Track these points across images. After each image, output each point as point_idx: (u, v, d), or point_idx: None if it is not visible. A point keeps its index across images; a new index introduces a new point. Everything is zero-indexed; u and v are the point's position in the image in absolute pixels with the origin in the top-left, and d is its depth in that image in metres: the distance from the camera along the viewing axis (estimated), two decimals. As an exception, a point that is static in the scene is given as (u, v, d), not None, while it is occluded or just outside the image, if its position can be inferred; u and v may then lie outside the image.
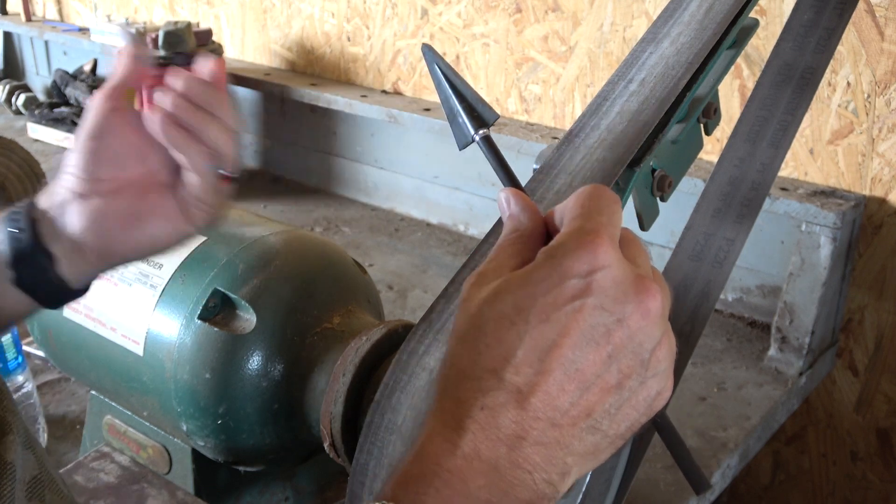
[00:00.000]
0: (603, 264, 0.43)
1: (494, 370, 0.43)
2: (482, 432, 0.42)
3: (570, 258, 0.43)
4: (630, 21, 1.32)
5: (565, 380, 0.42)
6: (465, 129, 0.52)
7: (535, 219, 0.48)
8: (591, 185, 0.47)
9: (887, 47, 1.12)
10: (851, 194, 1.18)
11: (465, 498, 0.41)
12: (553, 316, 0.42)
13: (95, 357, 0.81)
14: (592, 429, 0.44)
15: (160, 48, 1.64)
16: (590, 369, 0.43)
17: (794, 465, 1.36)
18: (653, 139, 0.70)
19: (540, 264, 0.44)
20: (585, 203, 0.46)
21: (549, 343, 0.42)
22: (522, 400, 0.42)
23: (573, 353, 0.42)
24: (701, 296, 0.84)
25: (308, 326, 0.74)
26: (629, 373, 0.44)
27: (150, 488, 0.75)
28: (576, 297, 0.42)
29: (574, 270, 0.43)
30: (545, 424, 0.42)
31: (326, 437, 0.71)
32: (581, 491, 0.80)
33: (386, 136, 1.66)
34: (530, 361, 0.42)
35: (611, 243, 0.44)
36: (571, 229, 0.44)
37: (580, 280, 0.43)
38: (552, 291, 0.43)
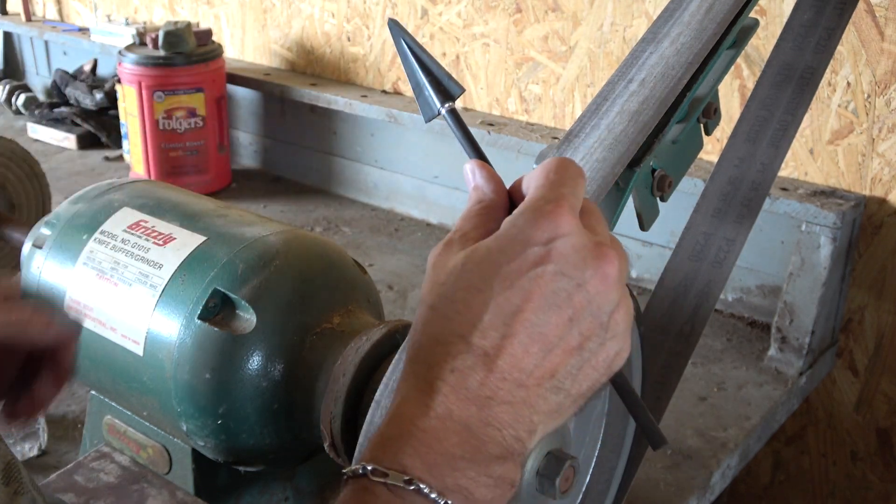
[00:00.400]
0: (563, 232, 0.45)
1: (463, 335, 0.45)
2: (453, 393, 0.44)
3: (531, 227, 0.46)
4: (630, 21, 1.32)
5: (529, 342, 0.45)
6: (431, 102, 0.53)
7: (499, 189, 0.50)
8: (557, 157, 0.49)
9: (887, 47, 1.12)
10: (851, 194, 1.18)
11: (441, 455, 0.44)
12: (517, 282, 0.45)
13: (95, 357, 0.81)
14: (556, 388, 0.46)
15: (160, 48, 1.64)
16: (552, 332, 0.45)
17: (794, 465, 1.36)
18: (653, 139, 0.70)
19: (503, 234, 0.46)
20: (549, 174, 0.48)
21: (513, 308, 0.45)
22: (490, 362, 0.44)
23: (536, 316, 0.45)
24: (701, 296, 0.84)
25: (308, 326, 0.74)
26: (589, 335, 0.46)
27: (150, 488, 0.75)
28: (537, 264, 0.45)
29: (535, 238, 0.45)
30: (512, 385, 0.45)
31: (326, 437, 0.71)
32: (581, 491, 0.80)
33: (386, 136, 1.66)
34: (496, 326, 0.45)
35: (571, 212, 0.46)
36: (534, 198, 0.47)
37: (541, 248, 0.45)
38: (515, 259, 0.45)
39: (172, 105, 1.65)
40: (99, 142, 2.01)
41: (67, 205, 0.88)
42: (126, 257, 0.79)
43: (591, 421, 0.78)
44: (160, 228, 0.80)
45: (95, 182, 0.92)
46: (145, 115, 1.65)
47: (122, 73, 1.66)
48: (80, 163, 1.93)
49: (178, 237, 0.79)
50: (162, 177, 1.69)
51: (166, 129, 1.67)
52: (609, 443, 0.79)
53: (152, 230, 0.80)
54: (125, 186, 0.89)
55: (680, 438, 1.03)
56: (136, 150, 1.71)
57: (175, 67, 1.64)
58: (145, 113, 1.65)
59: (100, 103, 2.02)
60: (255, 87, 1.80)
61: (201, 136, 1.69)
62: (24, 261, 0.89)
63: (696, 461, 0.99)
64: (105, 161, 1.94)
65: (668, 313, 0.84)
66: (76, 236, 0.83)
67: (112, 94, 1.97)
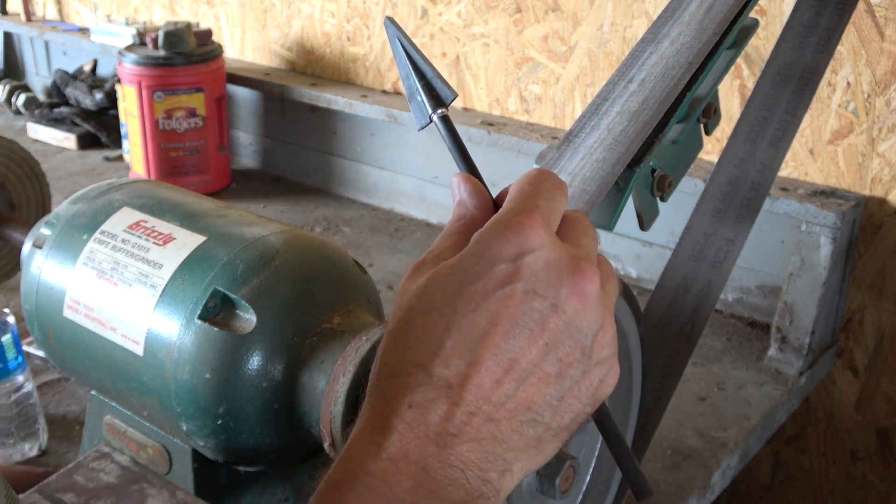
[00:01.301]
0: (532, 246, 0.41)
1: (423, 364, 0.41)
2: (410, 431, 0.40)
3: (497, 241, 0.42)
4: (630, 21, 1.32)
5: (499, 371, 0.40)
6: (424, 108, 0.51)
7: (483, 205, 0.47)
8: (535, 169, 0.46)
9: (887, 47, 1.12)
10: (851, 194, 1.18)
11: (389, 502, 0.39)
12: (482, 304, 0.41)
13: (95, 357, 0.81)
14: (533, 422, 0.42)
15: (160, 48, 1.64)
16: (525, 359, 0.41)
17: (794, 465, 1.36)
18: (653, 139, 0.70)
19: (468, 251, 0.42)
20: (524, 186, 0.44)
21: (478, 332, 0.40)
22: (453, 394, 0.40)
23: (506, 341, 0.40)
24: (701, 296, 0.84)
25: (308, 326, 0.74)
26: (570, 361, 0.42)
27: (150, 488, 0.75)
28: (505, 283, 0.41)
29: (502, 254, 0.41)
30: (480, 419, 0.40)
31: (326, 437, 0.71)
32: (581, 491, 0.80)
33: (386, 136, 1.66)
34: (459, 353, 0.40)
35: (543, 224, 0.42)
36: (503, 211, 0.43)
37: (509, 264, 0.41)
38: (481, 278, 0.41)
39: (172, 105, 1.65)
40: (99, 142, 2.01)
41: (67, 205, 0.88)
42: (126, 257, 0.79)
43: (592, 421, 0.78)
44: (160, 228, 0.80)
45: (95, 182, 0.92)
46: (145, 115, 1.65)
47: (122, 73, 1.66)
48: (80, 163, 1.93)
49: (178, 237, 0.79)
50: (162, 177, 1.69)
51: (166, 129, 1.67)
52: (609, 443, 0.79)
53: (152, 230, 0.80)
54: (125, 186, 0.89)
55: (680, 438, 1.03)
56: (136, 150, 1.71)
57: (175, 67, 1.64)
58: (145, 113, 1.65)
59: (100, 103, 2.02)
60: (255, 87, 1.80)
61: (201, 136, 1.69)
62: (24, 261, 0.89)
63: (696, 461, 0.99)
64: (105, 161, 1.94)
65: (668, 313, 0.84)
66: (76, 236, 0.83)
67: (112, 94, 1.98)
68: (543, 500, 0.70)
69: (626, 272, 1.40)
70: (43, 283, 0.84)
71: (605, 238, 1.40)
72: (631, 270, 1.39)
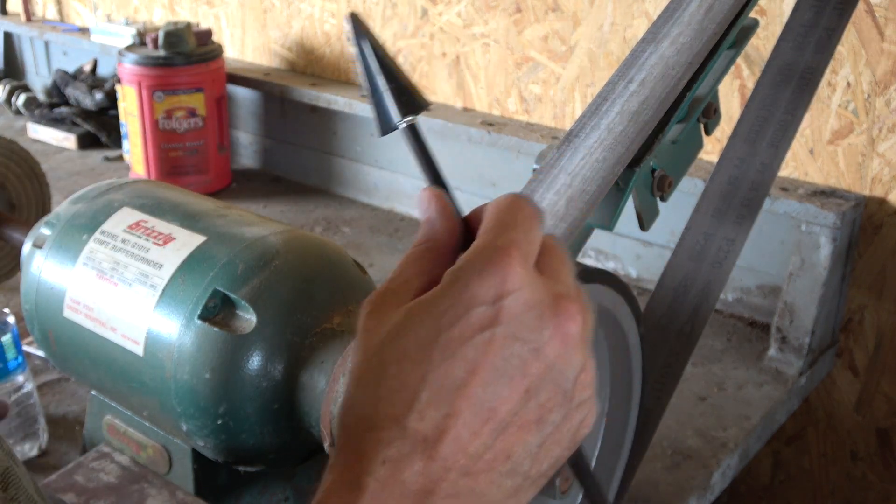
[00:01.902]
0: (513, 287, 0.39)
1: (397, 418, 0.38)
2: (383, 491, 0.38)
3: (475, 282, 0.39)
4: (630, 21, 1.32)
5: (476, 422, 0.38)
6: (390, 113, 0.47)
7: (452, 227, 0.44)
8: (510, 195, 0.43)
9: (887, 47, 1.12)
10: (851, 194, 1.18)
11: None
12: (460, 351, 0.38)
13: (95, 357, 0.81)
14: (512, 472, 0.39)
15: (160, 48, 1.64)
16: (504, 407, 0.38)
17: (794, 465, 1.36)
18: (653, 139, 0.70)
19: (444, 290, 0.40)
20: (500, 215, 0.42)
21: (456, 382, 0.38)
22: (429, 449, 0.38)
23: (484, 391, 0.38)
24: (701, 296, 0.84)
25: (308, 326, 0.74)
26: (551, 406, 0.40)
27: (150, 488, 0.75)
28: (484, 328, 0.38)
29: (480, 296, 0.39)
30: (457, 474, 0.38)
31: (326, 437, 0.71)
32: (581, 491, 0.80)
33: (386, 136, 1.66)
34: (436, 404, 0.38)
35: (522, 262, 0.39)
36: (480, 246, 0.40)
37: (488, 307, 0.38)
38: (458, 323, 0.38)
39: (172, 105, 1.65)
40: (99, 142, 2.01)
41: (67, 205, 0.88)
42: (126, 257, 0.79)
43: (591, 421, 0.78)
44: (160, 228, 0.80)
45: (95, 182, 0.92)
46: (145, 115, 1.65)
47: (122, 73, 1.66)
48: (80, 163, 1.93)
49: (178, 237, 0.79)
50: (162, 177, 1.69)
51: (166, 129, 1.67)
52: (609, 443, 0.79)
53: (152, 230, 0.80)
54: (125, 186, 0.89)
55: (680, 438, 1.03)
56: (136, 150, 1.71)
57: (175, 67, 1.64)
58: (145, 113, 1.65)
59: (100, 103, 2.02)
60: (255, 87, 1.80)
61: (201, 136, 1.69)
62: (24, 261, 0.89)
63: (696, 461, 0.99)
64: (105, 161, 1.94)
65: (668, 313, 0.84)
66: (76, 236, 0.83)
67: (112, 94, 1.98)
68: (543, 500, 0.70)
69: (626, 272, 1.40)
70: (43, 283, 0.84)
71: (605, 238, 1.40)
72: (631, 270, 1.39)
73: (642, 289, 1.36)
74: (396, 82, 0.46)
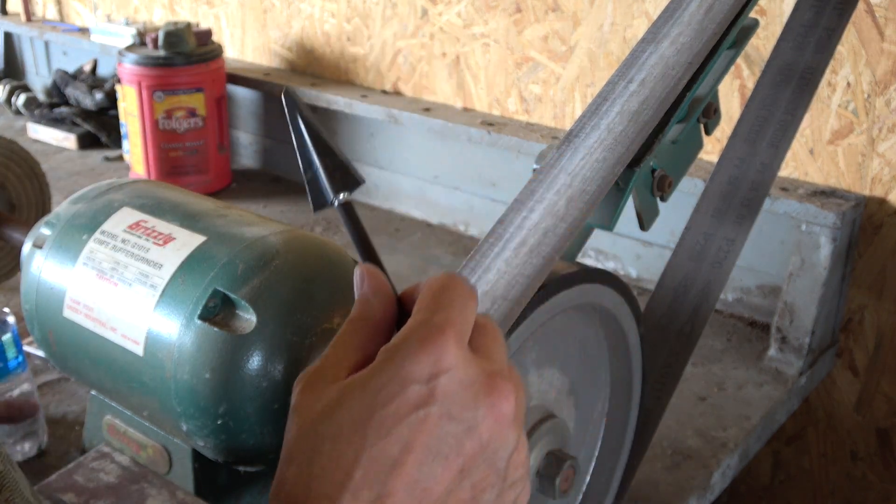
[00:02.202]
0: (447, 366, 0.39)
1: (330, 497, 0.38)
2: None
3: (410, 360, 0.39)
4: (630, 21, 1.32)
5: (410, 502, 0.38)
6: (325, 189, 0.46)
7: (387, 303, 0.44)
8: (445, 275, 0.43)
9: (887, 47, 1.12)
10: (851, 194, 1.18)
11: None
12: (395, 429, 0.38)
13: (95, 357, 0.81)
14: None
15: (160, 48, 1.64)
16: (438, 487, 0.38)
17: (794, 465, 1.36)
18: (653, 139, 0.70)
19: (379, 368, 0.40)
20: (435, 294, 0.42)
21: (390, 461, 0.38)
22: None
23: (419, 470, 0.38)
24: (701, 296, 0.84)
25: (308, 326, 0.74)
26: (484, 486, 0.40)
27: (150, 488, 0.75)
28: (419, 407, 0.38)
29: (415, 375, 0.39)
30: None
31: (326, 437, 0.71)
32: (581, 491, 0.80)
33: (386, 136, 1.66)
34: (370, 484, 0.38)
35: (457, 340, 0.40)
36: (414, 324, 0.40)
37: (422, 386, 0.38)
38: (393, 401, 0.38)
39: (172, 105, 1.65)
40: (99, 142, 2.01)
41: (67, 205, 0.88)
42: (126, 257, 0.79)
43: (591, 421, 0.78)
44: (160, 228, 0.80)
45: (95, 182, 0.92)
46: (145, 115, 1.65)
47: (122, 73, 1.66)
48: (80, 163, 1.93)
49: (178, 237, 0.79)
50: (162, 177, 1.69)
51: (166, 129, 1.67)
52: (609, 443, 0.79)
53: (152, 230, 0.80)
54: (125, 186, 0.89)
55: (680, 438, 1.03)
56: (136, 150, 1.71)
57: (175, 67, 1.64)
58: (145, 113, 1.65)
59: (100, 103, 2.02)
60: (255, 87, 1.80)
61: (201, 136, 1.69)
62: (24, 261, 0.89)
63: (696, 461, 0.99)
64: (105, 161, 1.94)
65: (668, 313, 0.84)
66: (76, 236, 0.83)
67: (112, 94, 1.98)
68: (543, 500, 0.70)
69: (626, 272, 1.40)
70: (43, 283, 0.84)
71: (606, 238, 1.40)
72: (631, 270, 1.39)
73: (642, 289, 1.36)
74: (332, 159, 0.46)
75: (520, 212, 0.59)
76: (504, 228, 0.58)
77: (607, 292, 0.70)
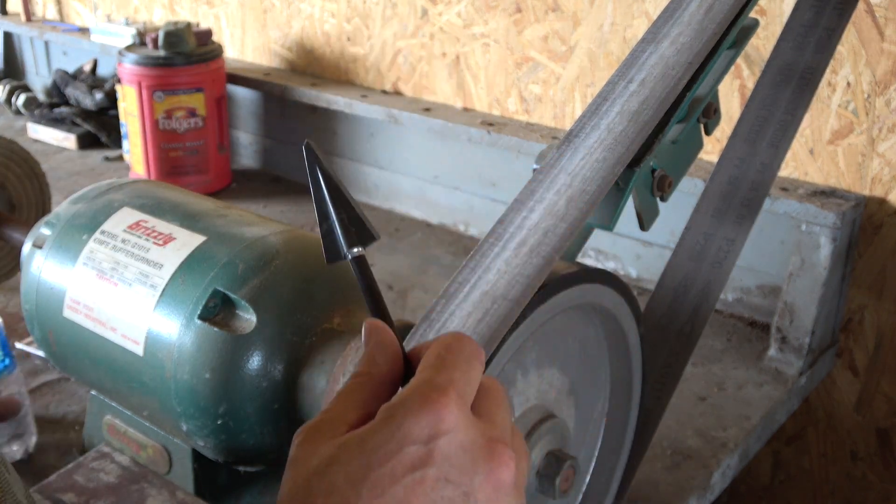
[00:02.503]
0: (447, 428, 0.38)
1: None
2: None
3: (410, 420, 0.38)
4: (630, 21, 1.32)
5: None
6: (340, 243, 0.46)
7: (393, 360, 0.43)
8: (452, 334, 0.43)
9: (887, 47, 1.12)
10: (851, 194, 1.18)
11: None
12: (390, 490, 0.37)
13: (95, 357, 0.81)
14: None
15: (160, 48, 1.64)
16: None
17: (794, 465, 1.36)
18: (653, 139, 0.70)
19: (378, 426, 0.39)
20: (441, 353, 0.41)
21: None
22: None
23: None
24: (701, 296, 0.84)
25: (308, 326, 0.74)
26: None
27: (150, 488, 0.75)
28: (416, 468, 0.38)
29: (414, 435, 0.38)
30: None
31: (326, 437, 0.71)
32: (581, 491, 0.80)
33: (386, 136, 1.66)
34: None
35: (458, 403, 0.39)
36: (417, 383, 0.40)
37: (421, 447, 0.38)
38: (390, 460, 0.38)
39: (172, 105, 1.65)
40: (99, 142, 2.01)
41: (67, 205, 0.88)
42: (126, 257, 0.79)
43: (591, 421, 0.78)
44: (160, 228, 0.80)
45: (95, 182, 0.92)
46: (145, 115, 1.65)
47: (122, 73, 1.66)
48: (80, 163, 1.93)
49: (178, 237, 0.79)
50: (162, 177, 1.69)
51: (166, 129, 1.67)
52: (609, 443, 0.79)
53: (152, 230, 0.80)
54: (125, 186, 0.89)
55: (680, 438, 1.03)
56: (136, 150, 1.71)
57: (175, 67, 1.64)
58: (145, 113, 1.65)
59: (100, 103, 2.02)
60: (255, 87, 1.80)
61: (201, 136, 1.69)
62: (24, 261, 0.89)
63: (696, 461, 0.99)
64: (105, 161, 1.94)
65: (668, 313, 0.84)
66: (76, 236, 0.83)
67: (112, 94, 1.98)
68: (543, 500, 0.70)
69: (626, 272, 1.40)
70: (43, 283, 0.84)
71: (605, 238, 1.40)
72: (631, 270, 1.39)
73: (642, 289, 1.36)
74: (348, 212, 0.46)
75: (520, 212, 0.59)
76: (504, 228, 0.58)
77: (607, 292, 0.70)
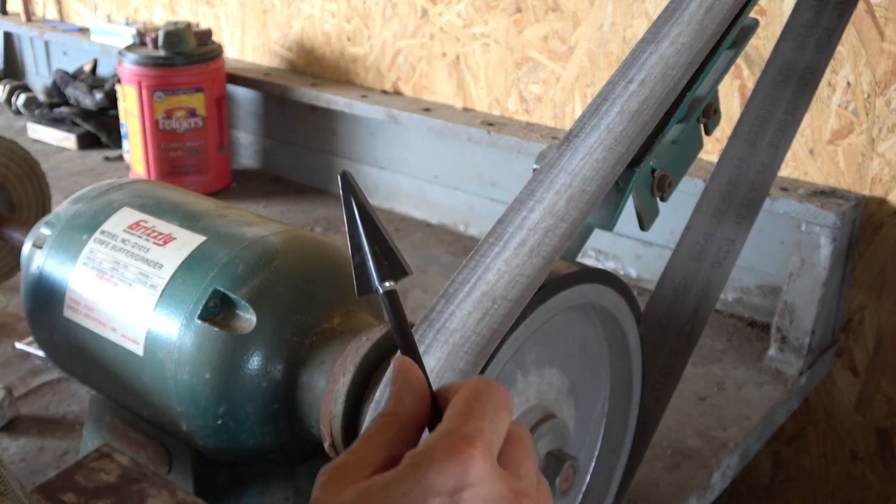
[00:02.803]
0: (472, 481, 0.38)
1: None
2: None
3: (435, 470, 0.38)
4: (630, 21, 1.32)
5: None
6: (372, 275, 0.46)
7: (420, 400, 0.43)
8: (481, 381, 0.42)
9: (887, 47, 1.12)
10: (851, 194, 1.18)
11: None
12: None
13: (95, 357, 0.81)
14: None
15: (160, 48, 1.64)
16: None
17: (794, 465, 1.36)
18: (653, 139, 0.70)
19: (402, 474, 0.38)
20: (469, 400, 0.41)
21: None
22: None
23: None
24: (701, 296, 0.84)
25: (308, 326, 0.74)
26: None
27: (150, 488, 0.75)
28: None
29: (439, 486, 0.37)
30: None
31: (327, 438, 0.71)
32: (581, 491, 0.80)
33: (386, 136, 1.66)
34: None
35: (486, 453, 0.38)
36: (444, 431, 0.39)
37: (445, 499, 0.37)
38: None
39: (172, 105, 1.65)
40: (99, 142, 2.01)
41: (67, 205, 0.88)
42: (126, 257, 0.79)
43: (591, 421, 0.78)
44: (160, 228, 0.80)
45: (95, 182, 0.92)
46: (145, 115, 1.65)
47: (122, 73, 1.66)
48: (80, 163, 1.93)
49: (178, 237, 0.79)
50: (162, 177, 1.69)
51: (166, 129, 1.67)
52: (609, 443, 0.79)
53: (152, 230, 0.80)
54: (125, 186, 0.89)
55: (680, 438, 1.03)
56: (136, 150, 1.71)
57: (175, 67, 1.64)
58: (145, 113, 1.65)
59: (100, 103, 2.02)
60: (255, 87, 1.80)
61: (201, 136, 1.69)
62: (24, 261, 0.89)
63: (696, 461, 0.99)
64: (105, 161, 1.94)
65: (668, 313, 0.84)
66: (76, 236, 0.83)
67: (112, 94, 1.98)
68: (543, 500, 0.70)
69: (626, 272, 1.40)
70: (43, 284, 0.84)
71: (605, 238, 1.40)
72: (631, 270, 1.39)
73: (642, 289, 1.36)
74: (381, 245, 0.46)
75: (520, 212, 0.59)
76: (504, 228, 0.58)
77: (607, 292, 0.70)
